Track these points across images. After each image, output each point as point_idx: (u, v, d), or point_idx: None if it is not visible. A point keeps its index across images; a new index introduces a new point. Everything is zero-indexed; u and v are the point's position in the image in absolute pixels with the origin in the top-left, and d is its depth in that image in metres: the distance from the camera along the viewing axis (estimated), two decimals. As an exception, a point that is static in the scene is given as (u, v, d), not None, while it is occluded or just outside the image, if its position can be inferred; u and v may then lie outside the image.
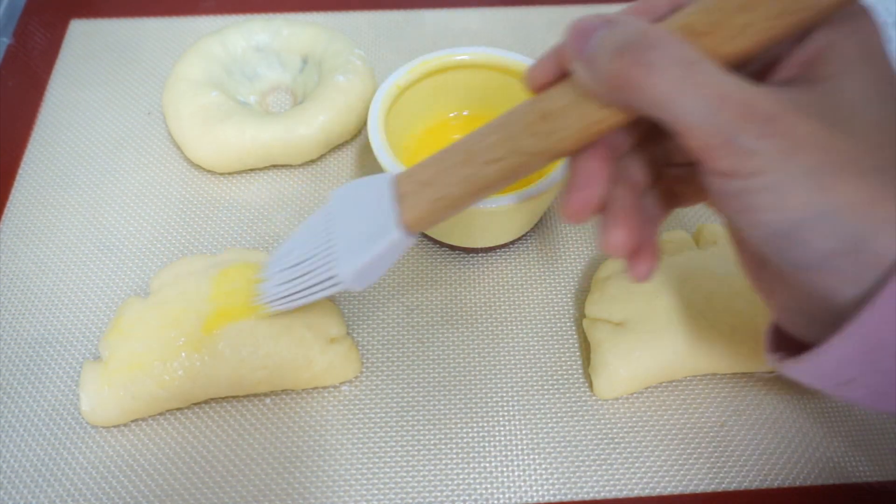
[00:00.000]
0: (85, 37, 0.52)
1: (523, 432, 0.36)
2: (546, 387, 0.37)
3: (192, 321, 0.34)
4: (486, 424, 0.36)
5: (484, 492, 0.34)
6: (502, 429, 0.36)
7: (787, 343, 0.25)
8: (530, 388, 0.37)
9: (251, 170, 0.45)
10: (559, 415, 0.36)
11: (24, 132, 0.46)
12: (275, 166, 0.45)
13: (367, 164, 0.46)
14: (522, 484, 0.34)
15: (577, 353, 0.38)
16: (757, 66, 0.24)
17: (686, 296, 0.36)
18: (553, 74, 0.25)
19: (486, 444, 0.35)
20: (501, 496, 0.34)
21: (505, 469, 0.35)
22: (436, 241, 0.42)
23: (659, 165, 0.27)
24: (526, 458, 0.35)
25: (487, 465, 0.35)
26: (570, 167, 0.26)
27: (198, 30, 0.52)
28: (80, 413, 0.35)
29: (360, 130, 0.46)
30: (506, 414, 0.36)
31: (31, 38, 0.52)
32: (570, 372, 0.38)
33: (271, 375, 0.35)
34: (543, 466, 0.35)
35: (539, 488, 0.34)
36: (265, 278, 0.34)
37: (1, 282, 0.40)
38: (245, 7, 0.53)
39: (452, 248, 0.42)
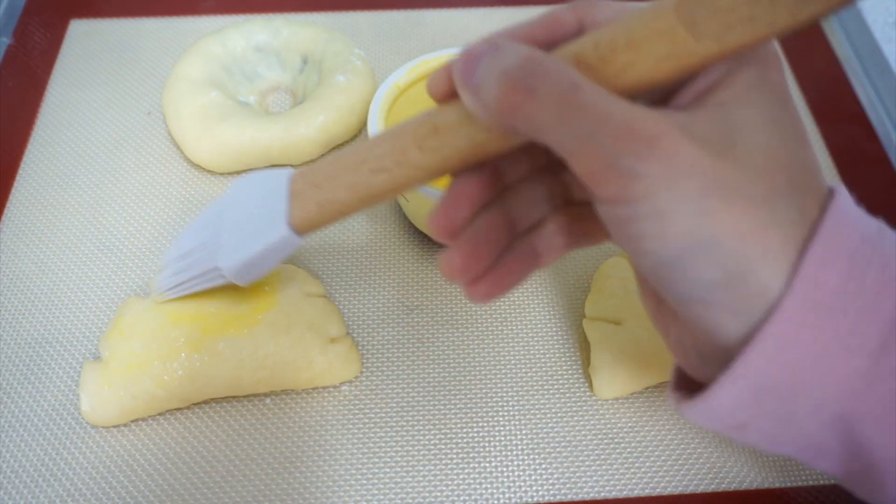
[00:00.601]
0: (85, 37, 0.52)
1: (523, 432, 0.36)
2: (546, 387, 0.37)
3: (192, 321, 0.34)
4: (486, 424, 0.36)
5: (484, 492, 0.34)
6: (502, 429, 0.36)
7: (689, 383, 0.25)
8: (530, 388, 0.37)
9: (251, 170, 0.45)
10: (559, 415, 0.36)
11: (24, 132, 0.46)
12: (275, 166, 0.45)
13: (367, 164, 0.46)
14: (522, 484, 0.34)
15: (577, 353, 0.38)
16: (658, 94, 0.23)
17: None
18: (452, 86, 0.24)
19: (486, 444, 0.35)
20: (501, 496, 0.34)
21: (505, 469, 0.35)
22: (436, 241, 0.42)
23: (555, 202, 0.27)
24: (526, 458, 0.35)
25: (487, 465, 0.35)
26: (450, 183, 0.25)
27: (198, 30, 0.52)
28: (80, 413, 0.35)
29: (360, 130, 0.46)
30: (506, 414, 0.36)
31: (31, 38, 0.52)
32: (570, 372, 0.38)
33: (271, 376, 0.35)
34: (543, 466, 0.35)
35: (539, 488, 0.34)
36: (162, 267, 0.35)
37: (1, 282, 0.40)
38: (245, 7, 0.53)
39: (452, 248, 0.41)
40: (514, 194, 0.26)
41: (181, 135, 0.43)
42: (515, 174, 0.26)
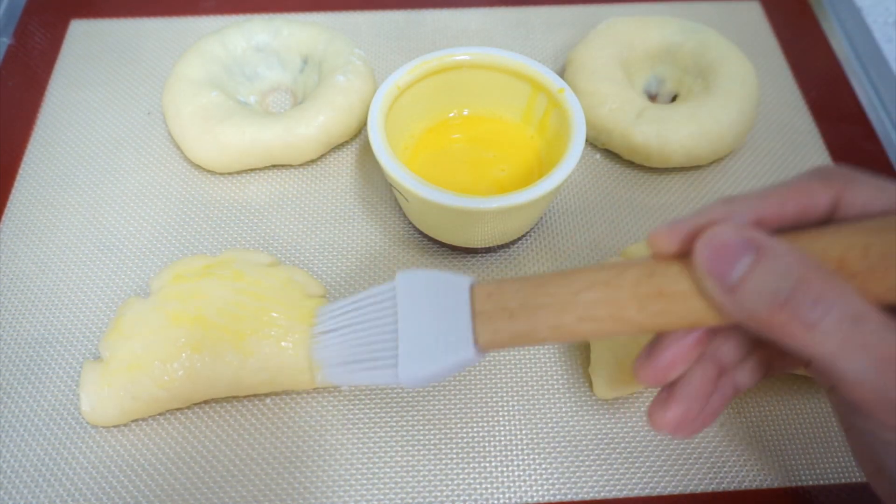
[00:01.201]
0: (85, 37, 0.52)
1: (523, 432, 0.36)
2: (546, 387, 0.37)
3: (193, 322, 0.34)
4: (486, 424, 0.36)
5: (484, 492, 0.34)
6: (502, 429, 0.36)
7: None
8: (530, 388, 0.37)
9: (251, 170, 0.45)
10: (559, 415, 0.36)
11: (24, 132, 0.46)
12: (275, 166, 0.45)
13: (368, 164, 0.46)
14: (522, 484, 0.34)
15: (577, 353, 0.38)
16: None
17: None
18: (682, 246, 0.23)
19: (486, 444, 0.35)
20: (501, 496, 0.34)
21: (505, 469, 0.35)
22: (436, 241, 0.42)
23: (759, 340, 0.26)
24: (526, 458, 0.35)
25: (487, 465, 0.35)
26: (660, 335, 0.25)
27: (198, 30, 0.52)
28: (80, 413, 0.35)
29: (360, 130, 0.46)
30: (506, 414, 0.36)
31: (31, 38, 0.52)
32: (570, 372, 0.38)
33: (272, 377, 0.35)
34: (543, 466, 0.35)
35: (539, 488, 0.34)
36: (321, 339, 0.32)
37: (1, 282, 0.40)
38: (245, 7, 0.53)
39: (452, 248, 0.42)
40: (724, 339, 0.25)
41: (181, 135, 0.43)
42: (726, 329, 0.25)
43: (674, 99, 0.48)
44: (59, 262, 0.41)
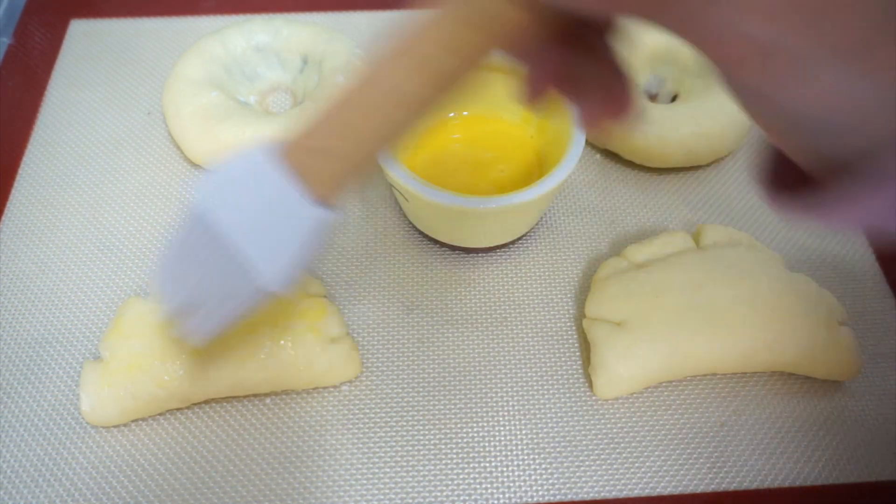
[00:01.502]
0: (85, 37, 0.52)
1: (523, 432, 0.36)
2: (546, 387, 0.37)
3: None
4: (486, 424, 0.36)
5: (484, 492, 0.34)
6: (502, 429, 0.36)
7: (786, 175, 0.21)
8: (530, 388, 0.37)
9: (251, 170, 0.45)
10: (559, 415, 0.36)
11: (24, 132, 0.46)
12: (275, 166, 0.45)
13: (367, 164, 0.46)
14: (522, 484, 0.34)
15: (577, 353, 0.38)
16: None
17: (686, 296, 0.36)
18: None
19: (486, 444, 0.35)
20: (501, 496, 0.34)
21: (505, 469, 0.35)
22: (436, 241, 0.42)
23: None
24: (526, 458, 0.35)
25: (487, 465, 0.35)
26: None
27: (198, 30, 0.52)
28: (80, 413, 0.35)
29: (360, 130, 0.46)
30: (506, 414, 0.36)
31: (31, 38, 0.52)
32: (570, 372, 0.38)
33: (271, 376, 0.35)
34: (543, 466, 0.35)
35: (539, 488, 0.34)
36: (166, 314, 0.29)
37: (1, 282, 0.40)
38: (245, 7, 0.53)
39: (452, 248, 0.42)
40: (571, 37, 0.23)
41: (181, 135, 0.43)
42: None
43: (674, 99, 0.48)
44: (59, 262, 0.41)
